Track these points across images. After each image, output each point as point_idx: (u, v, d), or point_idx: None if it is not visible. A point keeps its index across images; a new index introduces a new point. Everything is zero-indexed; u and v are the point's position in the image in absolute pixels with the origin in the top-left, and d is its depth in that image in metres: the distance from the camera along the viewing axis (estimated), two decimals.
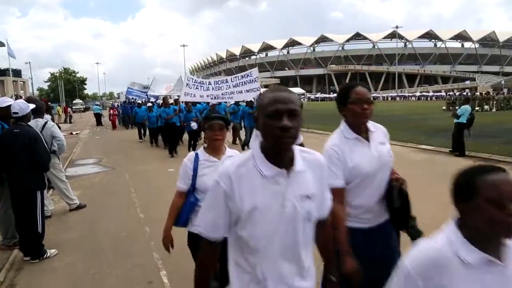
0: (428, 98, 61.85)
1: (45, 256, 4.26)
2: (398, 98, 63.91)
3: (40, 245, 4.25)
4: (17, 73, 51.46)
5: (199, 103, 13.90)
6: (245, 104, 13.05)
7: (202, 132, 10.25)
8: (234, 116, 13.09)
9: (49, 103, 13.89)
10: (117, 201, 6.71)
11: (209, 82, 11.90)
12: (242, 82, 11.42)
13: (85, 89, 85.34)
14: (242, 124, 12.95)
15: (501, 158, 9.06)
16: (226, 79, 11.88)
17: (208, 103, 12.84)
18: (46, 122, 5.55)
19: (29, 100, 5.24)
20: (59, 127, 6.28)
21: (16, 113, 4.17)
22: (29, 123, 4.56)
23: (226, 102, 14.20)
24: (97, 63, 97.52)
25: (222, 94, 11.61)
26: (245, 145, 11.67)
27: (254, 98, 11.26)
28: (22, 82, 55.01)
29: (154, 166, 10.02)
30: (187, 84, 11.50)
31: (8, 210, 4.35)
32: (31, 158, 4.09)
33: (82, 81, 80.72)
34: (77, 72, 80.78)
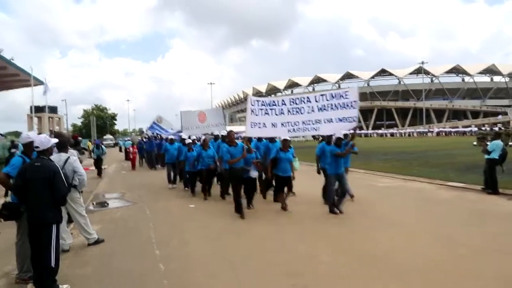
0: (452, 133, 60.63)
1: None
2: (429, 134, 62.61)
3: (53, 280, 4.21)
4: (53, 109, 54.26)
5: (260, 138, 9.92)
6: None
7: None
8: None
9: (79, 138, 14.40)
10: (135, 237, 6.67)
11: (283, 101, 8.20)
12: (331, 105, 7.84)
13: (115, 124, 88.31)
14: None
15: None
16: (308, 98, 8.09)
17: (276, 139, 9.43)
18: (68, 157, 5.67)
19: (55, 135, 5.41)
20: (81, 161, 6.41)
21: (37, 147, 4.29)
22: (52, 157, 4.68)
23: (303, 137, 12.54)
24: (128, 100, 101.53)
25: (304, 123, 7.97)
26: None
27: (349, 132, 7.91)
28: (57, 118, 57.74)
29: (175, 202, 10.01)
30: (252, 111, 8.04)
31: (24, 243, 4.38)
32: (50, 191, 4.13)
33: (113, 117, 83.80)
34: (109, 109, 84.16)
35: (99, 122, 73.66)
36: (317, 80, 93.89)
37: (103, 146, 17.95)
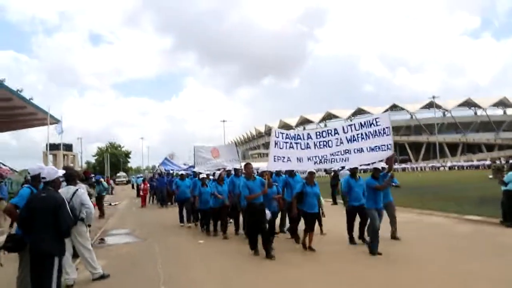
0: (466, 167, 59.67)
1: None
2: (441, 168, 61.66)
3: None
4: (68, 147, 55.30)
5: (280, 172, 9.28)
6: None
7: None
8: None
9: (92, 174, 14.43)
10: (142, 273, 6.50)
11: (309, 135, 7.72)
12: (362, 135, 7.28)
13: (129, 162, 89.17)
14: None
15: None
16: (336, 129, 7.57)
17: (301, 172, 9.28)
18: (77, 189, 5.68)
19: (63, 167, 5.46)
20: (90, 195, 6.41)
21: (44, 178, 4.31)
22: (60, 190, 4.69)
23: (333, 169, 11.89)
24: (142, 138, 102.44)
25: (332, 155, 7.42)
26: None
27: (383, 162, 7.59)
28: (72, 156, 58.69)
29: (185, 238, 9.86)
30: (276, 144, 7.52)
31: (26, 277, 4.30)
32: (54, 223, 4.10)
33: (127, 155, 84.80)
34: (123, 146, 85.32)
35: (113, 159, 74.64)
36: (329, 117, 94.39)
37: (103, 182, 16.86)
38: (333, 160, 7.39)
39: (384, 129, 7.09)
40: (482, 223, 9.75)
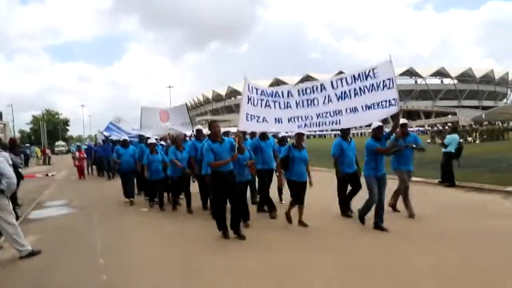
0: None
1: None
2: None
3: None
4: None
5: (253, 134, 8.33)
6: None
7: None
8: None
9: (16, 141, 12.80)
10: (78, 246, 5.98)
11: (289, 92, 6.32)
12: (356, 90, 5.92)
13: (68, 130, 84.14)
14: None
15: (492, 187, 8.78)
16: (323, 85, 6.18)
17: (281, 137, 8.08)
18: None
19: None
20: (17, 166, 5.65)
21: None
22: None
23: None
24: (82, 105, 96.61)
25: (319, 117, 6.11)
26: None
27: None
28: (2, 125, 54.05)
29: (126, 207, 9.23)
30: (249, 99, 6.17)
31: None
32: None
33: (65, 123, 79.73)
34: (61, 114, 79.95)
35: (50, 128, 69.83)
36: (277, 83, 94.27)
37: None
38: (321, 123, 6.14)
39: (384, 81, 5.72)
40: (424, 184, 10.15)
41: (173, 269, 4.69)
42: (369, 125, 6.12)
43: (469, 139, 27.15)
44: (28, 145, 36.52)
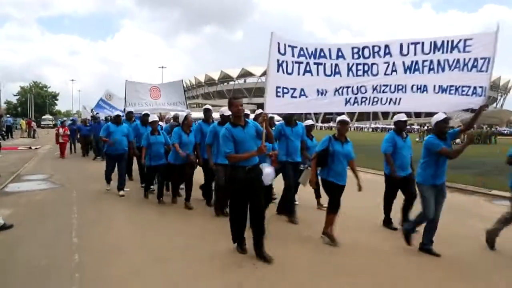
0: (388, 130, 63.29)
1: None
2: (365, 129, 65.92)
3: None
4: None
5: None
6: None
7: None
8: None
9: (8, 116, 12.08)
10: (53, 222, 5.79)
11: (339, 50, 4.49)
12: (433, 63, 4.35)
13: (56, 104, 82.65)
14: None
15: (476, 189, 8.84)
16: (388, 47, 4.43)
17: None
18: None
19: None
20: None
21: None
22: None
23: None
24: (72, 80, 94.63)
25: (375, 90, 4.52)
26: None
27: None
28: None
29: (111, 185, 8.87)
30: (279, 65, 4.41)
31: None
32: None
33: (54, 96, 78.26)
34: (49, 87, 78.38)
35: (39, 100, 68.46)
36: None
37: None
38: (375, 99, 4.48)
39: (476, 60, 4.16)
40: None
41: (148, 251, 4.55)
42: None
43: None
44: (8, 116, 35.55)
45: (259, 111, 5.37)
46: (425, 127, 38.51)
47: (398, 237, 5.01)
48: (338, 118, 4.92)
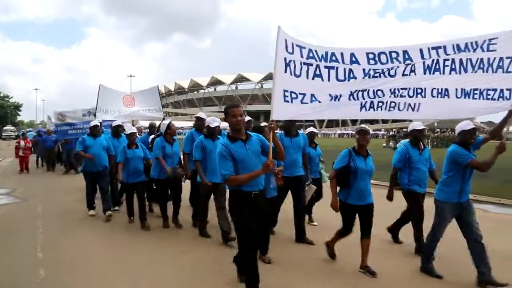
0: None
1: None
2: (332, 135, 67.88)
3: None
4: None
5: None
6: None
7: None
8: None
9: None
10: (16, 238, 5.58)
11: (352, 55, 3.96)
12: (454, 64, 3.85)
13: (19, 115, 79.51)
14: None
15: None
16: (407, 53, 3.91)
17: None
18: None
19: None
20: None
21: None
22: None
23: None
24: (36, 89, 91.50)
25: (392, 94, 3.95)
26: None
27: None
28: None
29: (76, 196, 8.51)
30: (287, 65, 3.82)
31: None
32: None
33: (16, 107, 75.25)
34: (11, 97, 75.35)
35: (0, 112, 65.63)
36: (240, 79, 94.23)
37: None
38: (392, 104, 3.94)
39: (502, 60, 3.74)
40: (378, 186, 10.38)
41: (117, 264, 4.47)
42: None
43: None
44: None
45: (248, 118, 4.80)
46: (391, 133, 39.75)
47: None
48: (357, 128, 4.39)
